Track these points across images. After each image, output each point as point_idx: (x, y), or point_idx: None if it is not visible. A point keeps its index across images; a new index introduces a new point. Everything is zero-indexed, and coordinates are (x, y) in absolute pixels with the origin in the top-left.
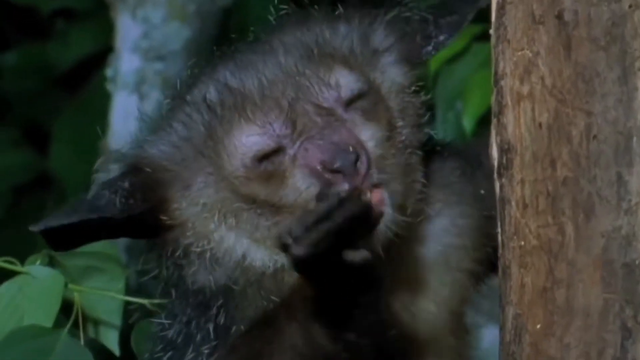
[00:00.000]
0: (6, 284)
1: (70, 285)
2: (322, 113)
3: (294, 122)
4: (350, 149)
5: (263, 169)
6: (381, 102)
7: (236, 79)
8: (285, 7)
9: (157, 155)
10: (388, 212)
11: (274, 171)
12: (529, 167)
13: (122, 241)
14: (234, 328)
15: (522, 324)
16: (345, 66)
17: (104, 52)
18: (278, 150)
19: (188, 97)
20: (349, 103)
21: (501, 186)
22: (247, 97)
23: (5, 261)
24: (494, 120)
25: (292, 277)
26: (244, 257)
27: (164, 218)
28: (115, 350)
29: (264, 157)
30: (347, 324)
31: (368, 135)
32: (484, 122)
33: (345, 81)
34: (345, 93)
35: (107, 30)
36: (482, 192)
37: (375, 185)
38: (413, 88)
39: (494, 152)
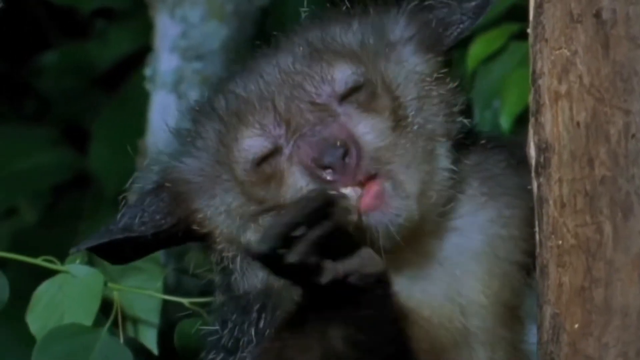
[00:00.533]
0: (46, 283)
1: (109, 284)
2: (315, 109)
3: (288, 121)
4: (338, 143)
5: (263, 172)
6: (384, 92)
7: (240, 85)
8: (320, 5)
9: (180, 169)
10: (393, 202)
11: (273, 172)
12: (567, 166)
13: None
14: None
15: (560, 324)
16: (347, 60)
17: (142, 51)
18: (275, 151)
19: (204, 108)
20: (344, 97)
21: (539, 185)
22: (247, 102)
23: (45, 260)
24: (531, 119)
25: None
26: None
27: (196, 228)
28: (154, 349)
29: (262, 159)
30: (355, 325)
31: (366, 127)
32: (521, 121)
33: (341, 75)
34: (339, 87)
35: (146, 29)
36: (529, 187)
37: (371, 177)
38: (436, 76)
39: (532, 151)
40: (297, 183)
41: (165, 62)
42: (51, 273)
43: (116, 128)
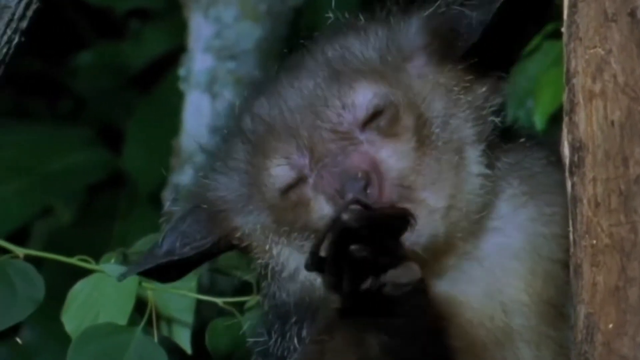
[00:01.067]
0: (81, 282)
1: (143, 284)
2: (337, 138)
3: (312, 150)
4: (359, 175)
5: (290, 199)
6: (407, 112)
7: (265, 108)
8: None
9: (215, 189)
10: (422, 222)
11: (299, 200)
12: (601, 165)
13: None
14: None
15: (594, 323)
16: (368, 80)
17: (176, 51)
18: (300, 180)
19: (233, 127)
20: (366, 123)
21: (573, 185)
22: (272, 129)
23: (80, 259)
24: (565, 119)
25: None
26: (297, 270)
27: (236, 243)
28: (188, 348)
29: (288, 188)
30: (390, 333)
31: (388, 152)
32: (555, 121)
33: (362, 99)
34: (360, 113)
35: (180, 29)
36: None
37: (397, 202)
38: (462, 85)
39: (566, 151)
40: (322, 210)
41: (199, 62)
42: (86, 272)
43: (150, 128)
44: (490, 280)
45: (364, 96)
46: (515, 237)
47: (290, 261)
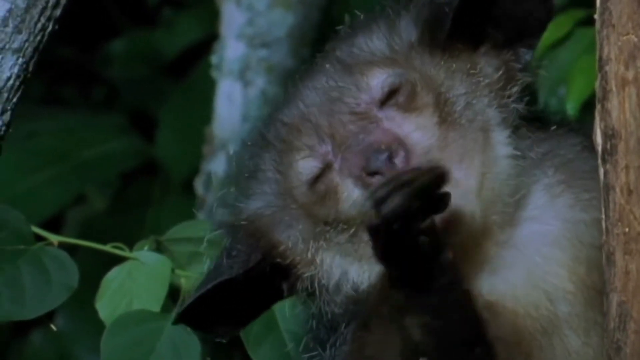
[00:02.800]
0: (115, 269)
1: (177, 271)
2: (356, 119)
3: (333, 136)
4: (383, 147)
5: (318, 191)
6: (425, 90)
7: (285, 113)
8: None
9: (250, 206)
10: (457, 203)
11: (327, 189)
12: (634, 152)
13: None
14: None
15: (627, 311)
16: (379, 66)
17: (209, 39)
18: (327, 168)
19: (259, 140)
20: (383, 101)
21: (605, 172)
22: (292, 127)
23: (114, 247)
24: (598, 106)
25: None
26: (344, 274)
27: (279, 261)
28: None
29: (316, 179)
30: (430, 311)
31: (410, 126)
32: (587, 108)
33: (376, 81)
34: (376, 92)
35: (213, 17)
36: None
37: None
38: (477, 69)
39: (598, 138)
40: (350, 195)
41: (231, 50)
42: (120, 260)
43: (183, 115)
44: (533, 269)
45: (377, 77)
46: (555, 224)
47: (333, 268)
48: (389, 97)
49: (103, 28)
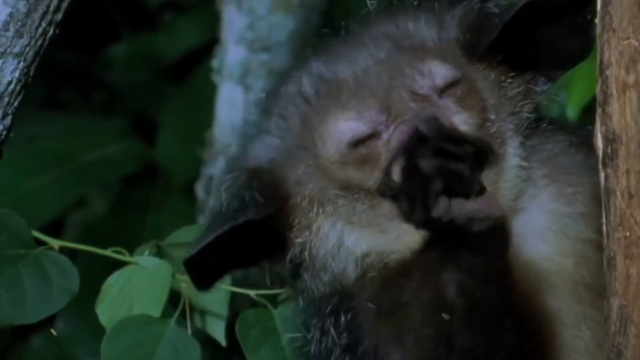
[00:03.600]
0: (116, 274)
1: (177, 276)
2: (417, 99)
3: (389, 109)
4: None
5: (358, 153)
6: (475, 91)
7: (329, 70)
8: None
9: (268, 154)
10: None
11: (369, 155)
12: (635, 156)
13: None
14: (357, 324)
15: (628, 315)
16: (436, 57)
17: (210, 43)
18: (373, 135)
19: (283, 92)
20: (443, 90)
21: (606, 176)
22: (342, 86)
23: (115, 251)
24: (598, 110)
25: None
26: (339, 241)
27: (287, 218)
28: (222, 340)
29: (359, 141)
30: (468, 270)
31: (462, 120)
32: (588, 113)
33: (438, 70)
34: (440, 81)
35: (213, 21)
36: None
37: None
38: (506, 80)
39: (599, 142)
40: (390, 167)
41: (232, 53)
42: (120, 264)
43: (183, 119)
44: (522, 259)
45: (442, 67)
46: (539, 217)
47: (330, 235)
48: (448, 88)
49: (104, 32)
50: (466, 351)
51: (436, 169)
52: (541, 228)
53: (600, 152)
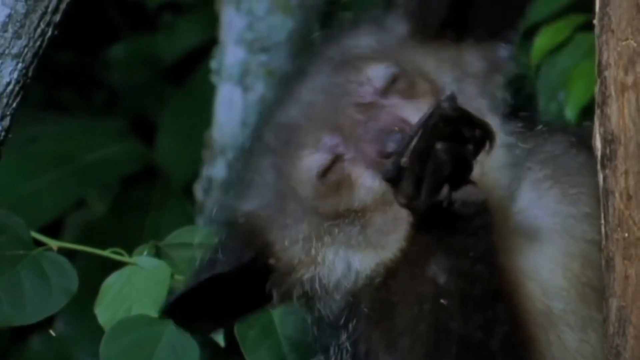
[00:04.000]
0: (115, 275)
1: (176, 276)
2: (363, 110)
3: (341, 129)
4: (396, 129)
5: (330, 181)
6: (421, 78)
7: (284, 115)
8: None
9: (247, 207)
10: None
11: (340, 178)
12: (633, 157)
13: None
14: (365, 341)
15: (626, 316)
16: (375, 59)
17: (209, 44)
18: (336, 160)
19: (254, 146)
20: (385, 90)
21: (604, 177)
22: (294, 126)
23: (113, 252)
24: (597, 111)
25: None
26: (347, 266)
27: (272, 261)
28: (220, 341)
29: (326, 170)
30: (458, 253)
31: (412, 111)
32: (587, 113)
33: (376, 72)
34: (378, 83)
35: (212, 22)
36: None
37: None
38: (463, 59)
39: (597, 143)
40: (367, 182)
41: (231, 54)
42: (119, 265)
43: (183, 120)
44: (524, 262)
45: (377, 69)
46: (543, 219)
47: (336, 262)
48: (389, 86)
49: (103, 33)
50: (464, 338)
51: (449, 152)
52: (547, 230)
53: (598, 153)
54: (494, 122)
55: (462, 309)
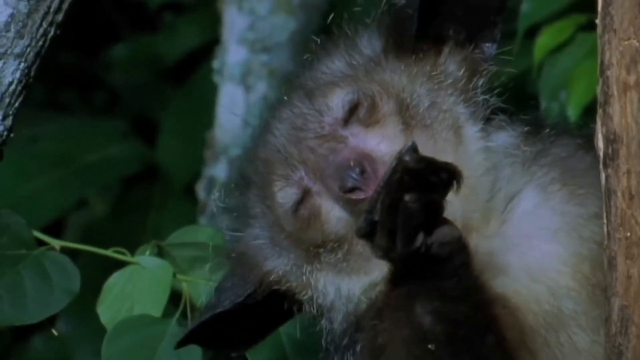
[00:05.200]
0: (117, 274)
1: (178, 276)
2: (324, 142)
3: (305, 162)
4: (352, 164)
5: (302, 217)
6: (386, 99)
7: (262, 148)
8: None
9: (242, 239)
10: None
11: (310, 213)
12: (636, 157)
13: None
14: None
15: (629, 316)
16: (338, 85)
17: (210, 44)
18: (306, 194)
19: (243, 179)
20: (346, 119)
21: (607, 177)
22: (268, 161)
23: (116, 252)
24: (599, 111)
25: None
26: (337, 291)
27: (276, 287)
28: None
29: (297, 205)
30: (440, 296)
31: (375, 138)
32: (589, 113)
33: (336, 101)
34: (338, 112)
35: (214, 22)
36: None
37: None
38: (438, 69)
39: (600, 143)
40: (334, 215)
41: (233, 54)
42: (121, 264)
43: (184, 120)
44: (532, 264)
45: (337, 97)
46: (550, 219)
47: (328, 286)
48: (350, 115)
49: (104, 33)
50: None
51: (418, 201)
52: (555, 230)
53: (601, 153)
54: (473, 130)
55: (450, 348)
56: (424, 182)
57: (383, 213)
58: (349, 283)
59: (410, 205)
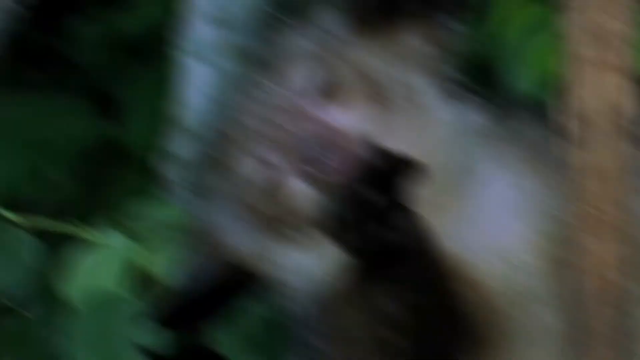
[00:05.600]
0: (80, 251)
1: (140, 252)
2: (286, 117)
3: (268, 137)
4: (315, 138)
5: (267, 189)
6: (351, 77)
7: (220, 125)
8: None
9: (205, 217)
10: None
11: (276, 186)
12: (602, 134)
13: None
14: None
15: (590, 293)
16: (300, 62)
17: (174, 20)
18: (270, 168)
19: (204, 158)
20: (310, 95)
21: (574, 156)
22: (229, 137)
23: (78, 228)
24: (567, 89)
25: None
26: (298, 268)
27: (238, 265)
28: None
29: (259, 179)
30: (403, 279)
31: (339, 114)
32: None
33: (299, 77)
34: (301, 88)
35: None
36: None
37: None
38: (396, 42)
39: (566, 121)
40: (296, 190)
41: (198, 31)
42: (83, 241)
43: (147, 97)
44: (497, 242)
45: (300, 73)
46: (516, 197)
47: (288, 263)
48: (314, 90)
49: (65, 7)
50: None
51: (384, 194)
52: (520, 208)
53: (568, 132)
54: (439, 107)
55: (414, 331)
56: (385, 179)
57: (343, 206)
58: (310, 261)
59: (375, 199)
